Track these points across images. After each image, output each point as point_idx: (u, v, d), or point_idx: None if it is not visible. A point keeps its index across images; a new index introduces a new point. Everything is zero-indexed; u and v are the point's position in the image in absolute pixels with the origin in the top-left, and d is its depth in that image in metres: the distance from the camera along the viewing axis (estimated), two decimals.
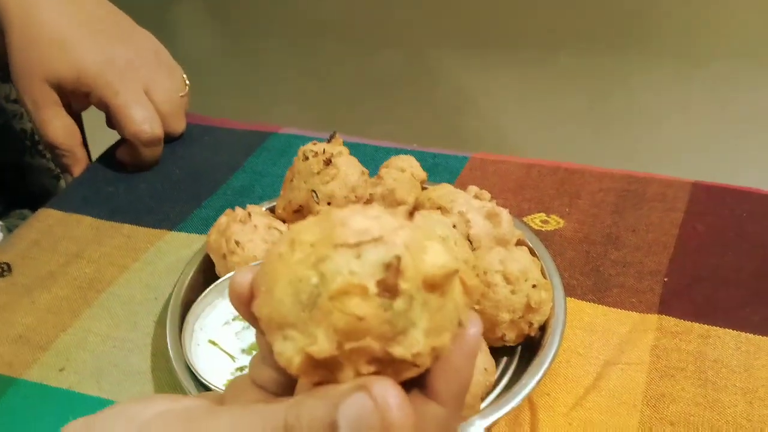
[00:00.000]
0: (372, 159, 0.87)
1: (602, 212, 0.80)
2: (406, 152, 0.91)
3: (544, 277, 0.63)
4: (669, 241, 0.75)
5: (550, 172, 0.87)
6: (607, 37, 1.99)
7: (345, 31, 2.16)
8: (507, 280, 0.60)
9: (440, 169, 0.89)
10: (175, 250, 0.79)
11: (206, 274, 0.71)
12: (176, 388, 0.61)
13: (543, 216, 0.81)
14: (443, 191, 0.69)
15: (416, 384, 0.31)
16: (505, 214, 0.67)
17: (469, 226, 0.64)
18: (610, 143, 1.97)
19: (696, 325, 0.66)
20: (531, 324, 0.61)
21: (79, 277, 0.76)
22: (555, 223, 0.79)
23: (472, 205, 0.67)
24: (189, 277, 0.70)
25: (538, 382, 0.57)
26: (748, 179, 0.89)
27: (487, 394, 0.58)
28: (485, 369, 0.56)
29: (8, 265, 0.78)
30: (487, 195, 0.69)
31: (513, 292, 0.60)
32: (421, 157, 0.79)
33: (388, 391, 0.27)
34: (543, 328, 0.63)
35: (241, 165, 0.93)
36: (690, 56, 1.97)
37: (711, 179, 0.83)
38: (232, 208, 0.71)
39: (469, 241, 0.64)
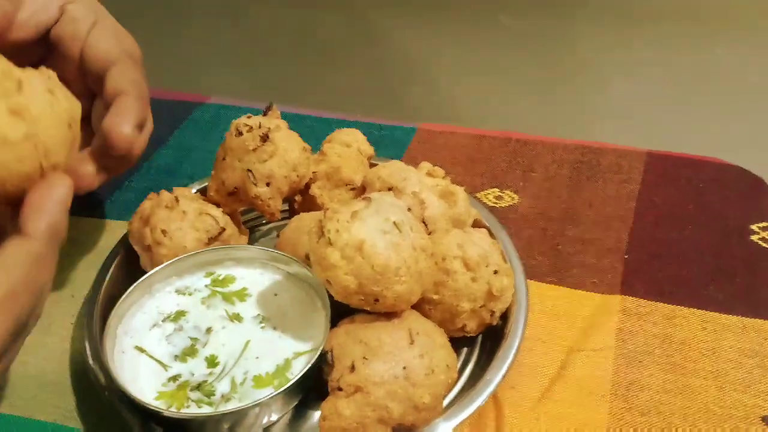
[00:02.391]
0: (312, 132, 0.80)
1: (557, 186, 0.76)
2: (349, 124, 0.84)
3: (504, 260, 0.58)
4: (627, 216, 0.72)
5: (502, 144, 0.82)
6: None
7: None
8: (467, 266, 0.55)
9: (386, 141, 0.83)
10: (94, 239, 0.71)
11: (130, 267, 0.64)
12: (101, 402, 0.54)
13: (497, 191, 0.76)
14: (393, 169, 0.63)
15: None
16: (461, 192, 0.62)
17: (424, 207, 0.58)
18: (557, 105, 1.95)
19: (660, 304, 0.63)
20: (493, 312, 0.56)
21: None
22: (509, 198, 0.75)
23: (425, 183, 0.61)
24: (110, 272, 0.62)
25: (504, 377, 0.53)
26: (691, 140, 0.88)
27: (449, 390, 0.53)
28: (447, 366, 0.51)
29: None
30: (441, 172, 0.64)
31: (473, 279, 0.55)
32: (365, 129, 0.73)
33: None
34: (504, 315, 0.58)
35: (166, 140, 0.85)
36: (632, 17, 1.96)
37: (657, 140, 0.81)
38: (156, 191, 0.63)
39: (424, 223, 0.59)
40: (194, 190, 0.68)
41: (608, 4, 2.02)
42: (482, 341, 0.60)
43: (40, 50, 0.57)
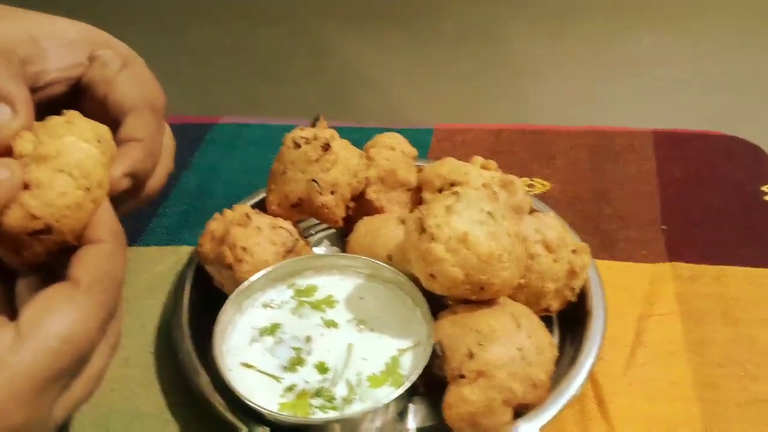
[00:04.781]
0: None
1: (581, 170, 0.81)
2: (373, 131, 0.86)
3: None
4: (653, 190, 0.77)
5: (519, 135, 0.86)
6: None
7: (220, 11, 2.03)
8: (548, 248, 0.58)
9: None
10: (147, 267, 0.70)
11: (199, 288, 0.63)
12: (209, 424, 0.53)
13: (527, 180, 0.79)
14: (450, 166, 0.65)
15: None
16: (518, 181, 0.64)
17: (496, 197, 0.61)
18: (500, 101, 2.02)
19: (707, 267, 0.68)
20: (573, 290, 0.60)
21: None
22: (541, 186, 0.79)
23: (485, 176, 0.64)
24: (186, 295, 0.62)
25: (599, 349, 0.56)
26: (624, 120, 0.95)
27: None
28: (549, 343, 0.54)
29: None
30: (493, 164, 0.66)
31: (555, 260, 0.58)
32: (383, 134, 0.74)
33: None
34: (580, 292, 0.61)
35: (187, 163, 0.84)
36: (565, 14, 2.07)
37: (595, 122, 0.88)
38: (194, 213, 0.63)
39: None
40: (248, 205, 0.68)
41: (542, 4, 2.12)
42: (557, 318, 0.63)
43: (70, 93, 0.55)
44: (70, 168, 0.42)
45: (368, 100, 2.06)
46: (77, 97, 0.55)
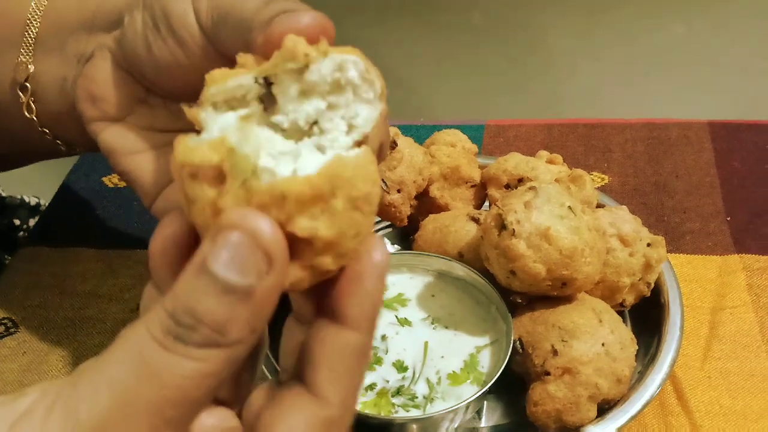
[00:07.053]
0: None
1: (639, 162, 0.80)
2: (424, 128, 0.86)
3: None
4: (714, 181, 0.76)
5: (571, 130, 0.85)
6: None
7: None
8: (623, 242, 0.57)
9: None
10: None
11: None
12: None
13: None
14: (516, 161, 0.65)
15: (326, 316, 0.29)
16: (586, 175, 0.64)
17: (570, 192, 0.60)
18: (532, 93, 2.01)
19: None
20: (648, 284, 0.59)
21: (114, 321, 0.65)
22: (600, 179, 0.78)
23: (552, 171, 0.64)
24: None
25: (679, 344, 0.56)
26: (654, 109, 0.93)
27: None
28: (630, 338, 0.54)
29: (12, 321, 0.65)
30: (559, 158, 0.66)
31: (631, 254, 0.57)
32: (432, 132, 0.74)
33: (254, 218, 0.25)
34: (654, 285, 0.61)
35: None
36: (593, 6, 2.05)
37: (629, 113, 0.87)
38: None
39: None
40: None
41: None
42: (629, 312, 0.62)
43: None
44: (359, 202, 0.27)
45: (398, 96, 2.06)
46: None
